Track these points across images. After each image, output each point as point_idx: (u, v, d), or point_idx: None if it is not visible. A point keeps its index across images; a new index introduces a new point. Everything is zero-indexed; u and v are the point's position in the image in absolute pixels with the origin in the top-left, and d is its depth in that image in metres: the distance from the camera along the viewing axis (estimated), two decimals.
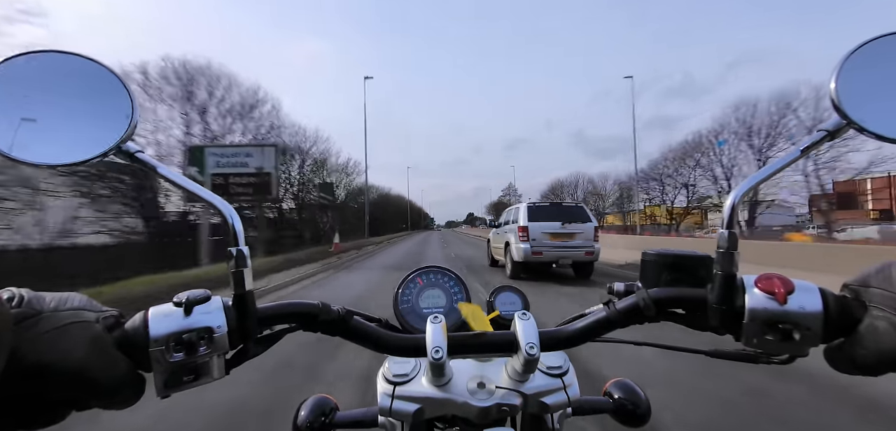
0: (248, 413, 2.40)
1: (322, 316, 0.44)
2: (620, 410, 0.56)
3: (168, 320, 0.36)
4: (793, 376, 2.66)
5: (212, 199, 0.40)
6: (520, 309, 0.50)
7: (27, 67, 0.37)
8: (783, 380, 2.65)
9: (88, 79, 0.39)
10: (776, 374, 2.67)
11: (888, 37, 0.38)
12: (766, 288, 0.38)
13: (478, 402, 0.43)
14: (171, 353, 0.35)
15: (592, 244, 7.77)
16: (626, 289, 0.48)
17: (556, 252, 7.69)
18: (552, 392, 0.46)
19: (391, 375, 0.47)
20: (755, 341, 0.39)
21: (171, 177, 0.40)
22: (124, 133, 0.38)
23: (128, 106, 0.39)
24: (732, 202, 0.38)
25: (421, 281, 0.55)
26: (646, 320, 0.43)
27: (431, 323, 0.43)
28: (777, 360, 0.40)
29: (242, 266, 0.38)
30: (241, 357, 0.41)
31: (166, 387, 0.36)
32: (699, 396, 2.52)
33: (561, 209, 8.42)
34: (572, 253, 7.71)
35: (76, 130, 0.37)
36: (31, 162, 0.35)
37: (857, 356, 0.36)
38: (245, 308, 0.39)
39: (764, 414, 2.32)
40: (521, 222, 7.90)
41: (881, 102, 0.37)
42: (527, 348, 0.40)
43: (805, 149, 0.39)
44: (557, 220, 7.87)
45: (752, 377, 2.70)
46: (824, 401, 2.42)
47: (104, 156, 0.38)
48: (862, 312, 0.36)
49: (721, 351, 0.45)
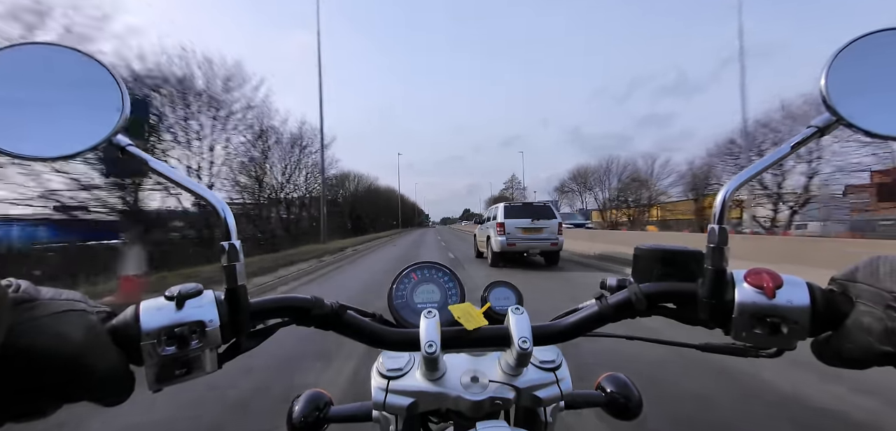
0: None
1: (315, 311, 0.44)
2: (613, 404, 0.57)
3: (160, 314, 0.36)
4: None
5: (203, 193, 0.40)
6: (513, 303, 0.50)
7: (17, 59, 0.36)
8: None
9: (79, 72, 0.39)
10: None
11: (877, 34, 0.39)
12: (755, 283, 0.38)
13: (471, 396, 0.44)
14: (162, 347, 0.35)
15: (557, 237, 9.66)
16: (618, 284, 0.48)
17: (527, 243, 9.62)
18: (545, 385, 0.46)
19: (385, 369, 0.47)
20: (744, 335, 0.39)
21: (163, 170, 0.40)
22: (115, 126, 0.38)
23: (118, 99, 0.39)
24: (723, 198, 0.39)
25: (415, 277, 0.55)
26: (637, 314, 0.44)
27: (425, 317, 0.43)
28: (765, 353, 0.41)
29: (235, 260, 0.38)
30: (234, 351, 0.41)
31: (158, 381, 0.36)
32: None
33: (532, 208, 10.37)
34: (540, 245, 9.70)
35: (67, 123, 0.37)
36: (22, 155, 0.35)
37: (844, 349, 0.37)
38: (237, 302, 0.39)
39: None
40: (499, 219, 9.73)
41: (871, 98, 0.38)
42: (519, 342, 0.41)
43: (795, 144, 0.40)
44: (528, 218, 9.73)
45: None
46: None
47: (95, 148, 0.37)
48: (849, 307, 0.37)
49: (711, 345, 0.45)
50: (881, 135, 0.37)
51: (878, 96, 0.38)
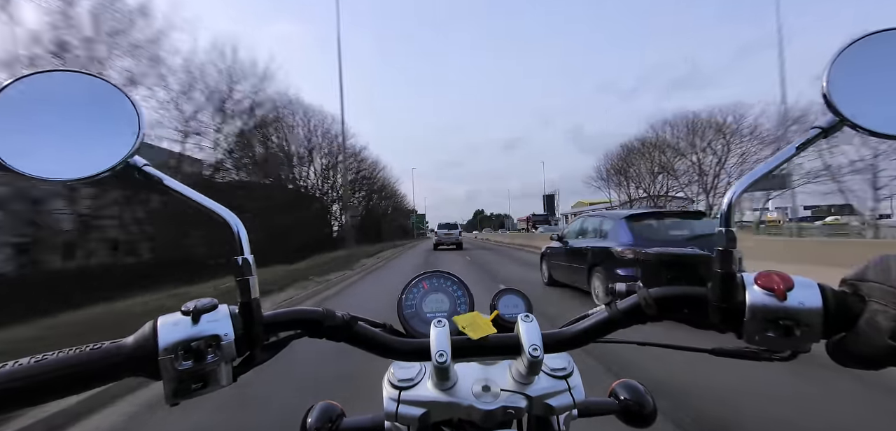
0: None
1: (327, 323, 0.44)
2: (626, 411, 0.56)
3: (177, 328, 0.37)
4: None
5: (217, 210, 0.41)
6: (523, 311, 0.50)
7: (38, 87, 0.38)
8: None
9: (96, 96, 0.40)
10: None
11: (877, 35, 0.39)
12: (765, 285, 0.38)
13: (483, 405, 0.44)
14: (179, 361, 0.36)
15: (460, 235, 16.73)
16: (627, 289, 0.48)
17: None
18: (557, 393, 0.46)
19: (396, 380, 0.47)
20: (757, 338, 0.39)
21: (178, 189, 0.41)
22: (132, 147, 0.40)
23: (135, 121, 0.41)
24: (729, 201, 0.39)
25: (426, 286, 0.55)
26: (647, 320, 0.43)
27: (435, 326, 0.44)
28: (779, 357, 0.40)
29: (248, 274, 0.39)
30: (248, 363, 0.41)
31: (175, 395, 0.37)
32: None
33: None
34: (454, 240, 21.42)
35: (86, 146, 0.39)
36: (43, 177, 0.36)
37: (858, 349, 0.37)
38: (251, 315, 0.39)
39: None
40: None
41: (873, 98, 0.38)
42: (530, 350, 0.41)
43: (800, 146, 0.40)
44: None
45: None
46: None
47: (113, 170, 0.39)
48: (861, 306, 0.37)
49: (724, 349, 0.45)
50: (885, 135, 0.37)
51: (880, 96, 0.38)
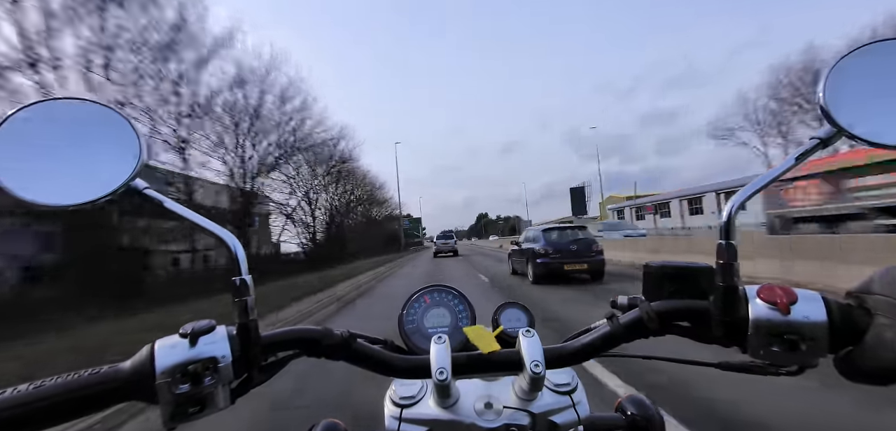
0: None
1: (325, 341, 0.44)
2: (633, 426, 0.55)
3: (174, 351, 0.36)
4: None
5: (216, 231, 0.41)
6: (524, 325, 0.49)
7: (40, 115, 0.39)
8: None
9: (98, 121, 0.41)
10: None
11: (872, 45, 0.39)
12: (768, 298, 0.38)
13: (485, 423, 0.43)
14: (177, 385, 0.35)
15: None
16: (629, 303, 0.48)
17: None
18: (561, 410, 0.45)
19: (398, 397, 0.46)
20: (761, 352, 0.38)
21: (178, 211, 0.41)
22: (133, 171, 0.40)
23: (136, 145, 0.41)
24: (729, 213, 0.38)
25: (427, 300, 0.55)
26: (650, 334, 0.43)
27: (435, 343, 0.43)
28: (785, 371, 0.39)
29: (246, 294, 0.39)
30: (246, 385, 0.41)
31: (172, 420, 0.36)
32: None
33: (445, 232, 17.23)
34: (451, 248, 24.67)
35: (88, 171, 0.39)
36: (46, 203, 0.37)
37: (866, 365, 0.36)
38: (249, 336, 0.39)
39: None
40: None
41: (870, 108, 0.38)
42: (531, 366, 0.40)
43: (799, 156, 0.40)
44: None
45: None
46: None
47: (114, 194, 0.39)
48: (867, 321, 0.36)
49: (729, 363, 0.44)
50: (882, 144, 0.37)
51: (876, 106, 0.38)
